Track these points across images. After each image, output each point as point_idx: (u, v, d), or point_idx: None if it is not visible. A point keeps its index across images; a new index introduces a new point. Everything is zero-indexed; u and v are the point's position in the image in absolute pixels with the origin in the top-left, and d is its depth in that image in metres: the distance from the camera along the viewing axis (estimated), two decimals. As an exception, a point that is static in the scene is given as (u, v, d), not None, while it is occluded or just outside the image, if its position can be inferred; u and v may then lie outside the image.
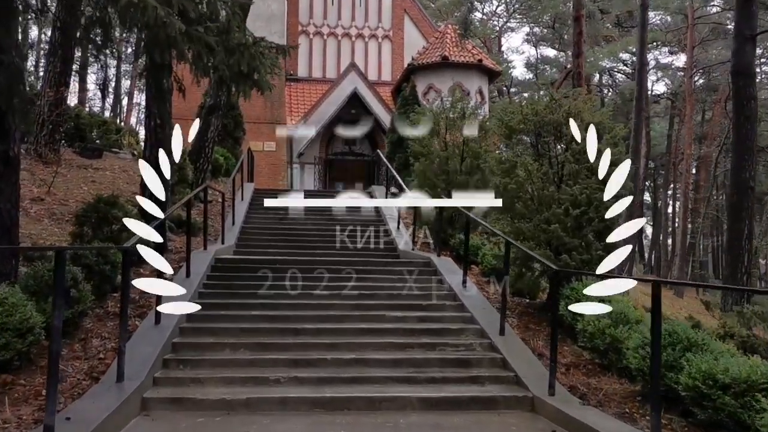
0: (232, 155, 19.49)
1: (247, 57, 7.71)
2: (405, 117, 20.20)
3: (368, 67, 31.95)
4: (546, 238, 8.47)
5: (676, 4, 39.29)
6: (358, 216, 15.75)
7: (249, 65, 7.78)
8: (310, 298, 8.47)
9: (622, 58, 50.20)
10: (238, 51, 7.76)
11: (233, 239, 12.66)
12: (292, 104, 30.27)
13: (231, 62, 7.70)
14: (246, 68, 7.79)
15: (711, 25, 38.84)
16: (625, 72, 52.07)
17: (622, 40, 45.59)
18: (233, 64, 7.72)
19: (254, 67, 7.91)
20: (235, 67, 7.75)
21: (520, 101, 40.16)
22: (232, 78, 8.05)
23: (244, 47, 7.81)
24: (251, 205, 15.99)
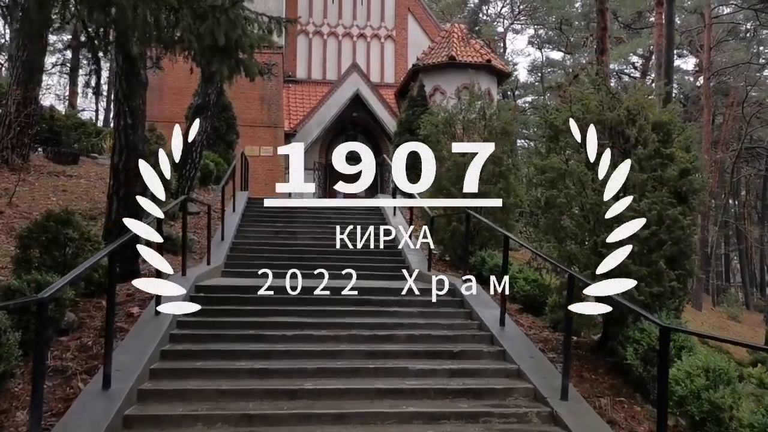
0: (224, 161, 17.80)
1: (224, 24, 5.94)
2: (413, 118, 18.57)
3: (370, 69, 30.31)
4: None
5: (689, 4, 37.70)
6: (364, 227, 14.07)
7: (227, 36, 6.02)
8: (311, 341, 6.78)
9: (631, 61, 48.65)
10: (211, 15, 5.97)
11: (221, 258, 10.96)
12: (290, 107, 28.62)
13: (201, 31, 5.94)
14: (223, 40, 6.04)
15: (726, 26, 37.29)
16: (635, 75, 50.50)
17: (632, 42, 44.05)
18: (204, 34, 5.96)
19: (234, 39, 6.15)
20: (207, 38, 6.00)
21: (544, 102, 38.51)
22: (202, 53, 6.31)
23: (220, 10, 6.02)
24: (244, 216, 14.31)
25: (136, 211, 9.05)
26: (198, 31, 5.88)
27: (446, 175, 12.51)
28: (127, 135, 8.67)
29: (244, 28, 6.26)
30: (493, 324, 7.17)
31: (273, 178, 26.48)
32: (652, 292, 6.57)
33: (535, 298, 9.36)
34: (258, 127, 26.51)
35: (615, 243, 6.63)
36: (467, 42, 27.72)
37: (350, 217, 15.15)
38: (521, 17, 50.49)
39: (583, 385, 6.55)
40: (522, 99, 52.20)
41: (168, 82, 26.33)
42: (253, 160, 25.04)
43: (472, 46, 27.54)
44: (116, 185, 8.74)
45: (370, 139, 28.62)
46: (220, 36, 5.89)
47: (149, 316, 6.83)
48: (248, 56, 6.69)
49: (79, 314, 7.11)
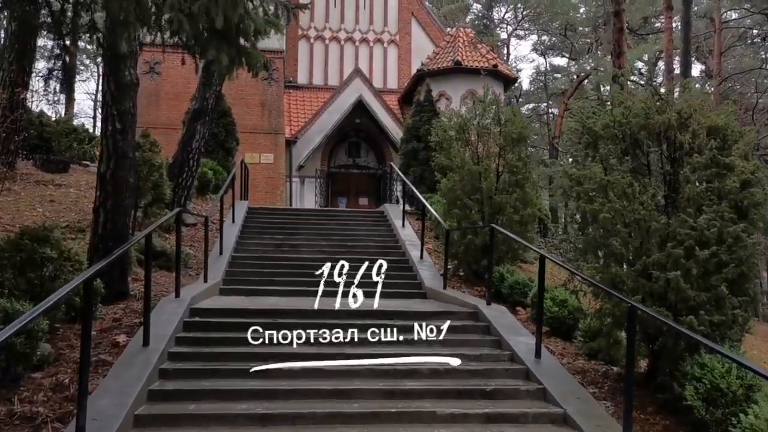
0: (224, 168, 16.99)
1: (222, 3, 5.07)
2: (420, 124, 17.77)
3: (373, 74, 29.52)
4: (657, 290, 5.94)
5: (697, 9, 36.97)
6: (371, 241, 13.27)
7: (226, 17, 5.14)
8: (320, 377, 5.92)
9: (636, 67, 47.86)
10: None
11: (219, 275, 10.13)
12: (291, 113, 27.82)
13: (195, 10, 5.04)
14: (221, 22, 5.16)
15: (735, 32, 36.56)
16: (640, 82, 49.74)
17: (637, 47, 43.28)
18: (198, 14, 5.07)
19: (235, 21, 5.26)
20: (202, 19, 5.12)
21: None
22: (196, 38, 5.45)
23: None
24: (244, 227, 13.48)
25: (125, 225, 8.27)
26: (190, 10, 5.01)
27: (460, 185, 11.71)
28: (115, 141, 7.84)
29: (247, 9, 5.38)
30: (527, 355, 6.31)
31: (274, 186, 25.68)
32: (713, 321, 5.73)
33: (563, 320, 8.52)
34: (258, 134, 25.71)
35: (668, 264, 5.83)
36: (473, 46, 27.01)
37: (356, 228, 14.35)
38: (525, 23, 49.75)
39: (633, 427, 5.70)
40: (524, 106, 51.37)
41: (165, 87, 25.57)
42: (253, 168, 24.20)
43: (478, 50, 26.81)
44: (103, 196, 7.90)
45: (374, 146, 27.86)
46: (218, 17, 5.02)
47: (137, 347, 5.99)
48: (251, 44, 5.83)
49: (57, 344, 6.27)
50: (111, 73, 7.80)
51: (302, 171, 26.54)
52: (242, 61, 5.98)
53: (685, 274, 5.74)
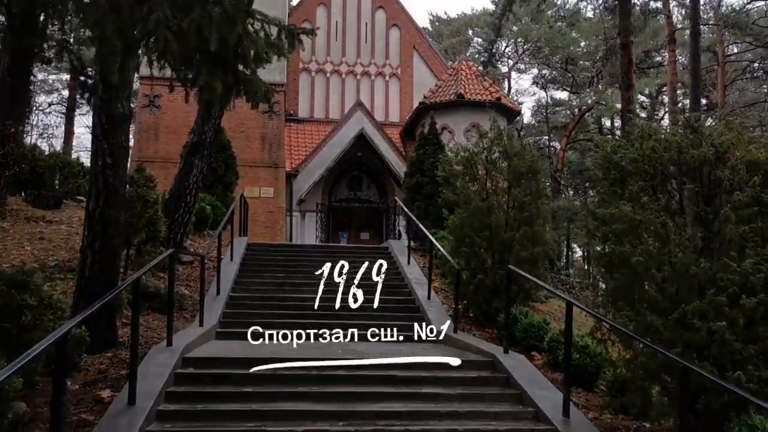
0: (222, 203, 16.49)
1: (217, 20, 4.53)
2: (425, 158, 17.33)
3: (375, 107, 29.24)
4: (698, 341, 5.37)
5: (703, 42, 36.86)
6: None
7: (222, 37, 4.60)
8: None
9: (639, 99, 47.74)
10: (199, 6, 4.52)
11: (216, 317, 9.55)
12: (291, 146, 27.46)
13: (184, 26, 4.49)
14: (215, 42, 4.62)
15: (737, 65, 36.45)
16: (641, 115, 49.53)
17: (639, 81, 43.19)
18: (188, 32, 4.51)
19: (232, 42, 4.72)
20: (192, 38, 4.56)
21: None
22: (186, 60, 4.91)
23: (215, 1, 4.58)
24: (243, 265, 12.92)
25: (114, 267, 7.72)
26: (179, 27, 4.46)
27: (468, 222, 11.20)
28: (105, 177, 7.33)
29: (246, 29, 4.84)
30: (554, 413, 5.70)
31: (274, 220, 25.19)
32: (762, 377, 5.16)
33: (585, 368, 7.94)
34: (258, 168, 25.32)
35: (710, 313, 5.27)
36: (476, 79, 26.81)
37: (360, 265, 13.78)
38: (525, 57, 49.78)
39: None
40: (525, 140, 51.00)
41: (165, 121, 25.24)
42: (252, 202, 23.71)
43: (481, 83, 26.61)
44: (91, 236, 7.37)
45: (376, 179, 27.45)
46: (212, 37, 4.47)
47: (122, 405, 5.39)
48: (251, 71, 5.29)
49: (35, 400, 5.67)
50: (102, 104, 7.34)
51: (303, 205, 26.07)
52: (240, 90, 5.43)
53: (730, 325, 5.18)
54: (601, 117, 46.91)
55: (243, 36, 4.75)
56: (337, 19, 30.23)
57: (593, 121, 48.58)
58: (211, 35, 4.43)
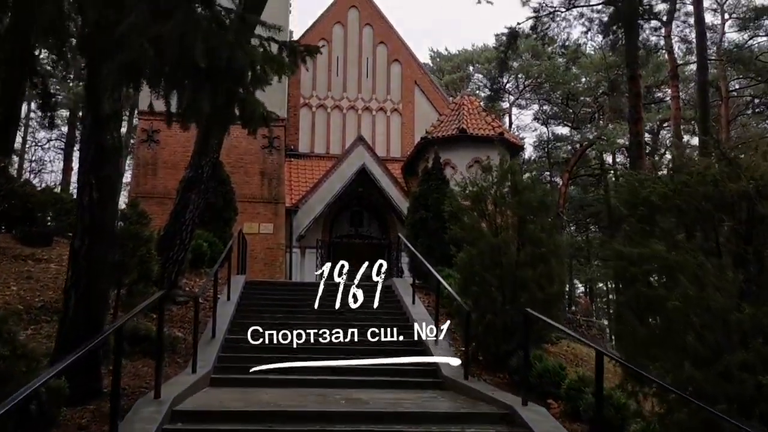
0: (220, 240, 15.95)
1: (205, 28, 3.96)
2: (429, 193, 16.87)
3: (376, 142, 28.94)
4: (744, 396, 4.81)
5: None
6: (379, 320, 12.12)
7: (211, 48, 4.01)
8: None
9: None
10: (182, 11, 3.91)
11: (210, 362, 8.98)
12: (292, 182, 27.08)
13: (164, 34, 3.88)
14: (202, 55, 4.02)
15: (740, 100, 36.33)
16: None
17: (640, 117, 43.05)
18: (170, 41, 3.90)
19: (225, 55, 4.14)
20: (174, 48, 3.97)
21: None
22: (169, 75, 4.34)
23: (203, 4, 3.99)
24: (241, 305, 12.39)
25: (100, 309, 7.17)
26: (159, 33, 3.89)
27: (478, 259, 10.67)
28: (92, 213, 6.83)
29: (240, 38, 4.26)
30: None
31: (273, 257, 24.66)
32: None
33: (608, 420, 7.32)
34: (258, 203, 24.90)
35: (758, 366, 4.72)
36: (478, 114, 26.57)
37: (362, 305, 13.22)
38: (526, 93, 49.79)
39: None
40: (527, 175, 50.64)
41: (163, 156, 24.89)
42: (252, 238, 23.22)
43: (483, 118, 26.36)
44: (76, 276, 6.84)
45: (377, 215, 26.99)
46: (198, 46, 3.88)
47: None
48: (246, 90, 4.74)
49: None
50: (91, 136, 6.88)
51: (303, 241, 25.56)
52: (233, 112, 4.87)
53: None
54: (603, 152, 46.70)
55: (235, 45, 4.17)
56: (338, 54, 30.14)
57: (595, 157, 48.40)
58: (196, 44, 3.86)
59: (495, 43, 18.14)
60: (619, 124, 43.64)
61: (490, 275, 10.45)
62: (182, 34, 3.89)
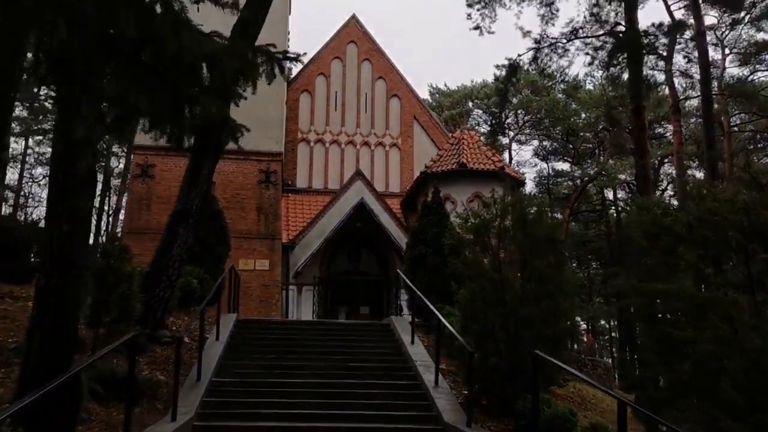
0: (212, 277, 15.31)
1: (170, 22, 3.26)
2: (428, 227, 16.31)
3: (374, 177, 28.48)
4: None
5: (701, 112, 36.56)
6: (377, 360, 11.49)
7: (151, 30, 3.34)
8: None
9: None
10: None
11: (194, 407, 8.32)
12: (289, 217, 26.53)
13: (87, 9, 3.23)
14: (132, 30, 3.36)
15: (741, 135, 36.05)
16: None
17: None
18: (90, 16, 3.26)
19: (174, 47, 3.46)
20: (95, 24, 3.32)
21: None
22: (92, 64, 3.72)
23: None
24: (230, 345, 11.75)
25: (67, 353, 6.55)
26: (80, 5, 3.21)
27: (480, 296, 10.06)
28: (62, 247, 6.27)
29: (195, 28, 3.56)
30: None
31: (269, 294, 23.98)
32: None
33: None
34: (254, 239, 24.33)
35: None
36: (478, 149, 26.22)
37: (359, 345, 12.60)
38: (526, 128, 49.62)
39: None
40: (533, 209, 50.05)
41: (158, 191, 24.38)
42: (247, 275, 22.62)
43: (483, 153, 25.99)
44: (41, 315, 6.25)
45: (375, 251, 26.38)
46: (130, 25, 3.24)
47: None
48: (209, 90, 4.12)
49: None
50: (62, 163, 6.35)
51: (300, 278, 24.89)
52: (186, 114, 4.26)
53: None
54: (604, 188, 46.32)
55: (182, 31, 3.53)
56: (336, 89, 29.92)
57: (596, 193, 47.99)
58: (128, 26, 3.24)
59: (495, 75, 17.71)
60: (620, 160, 43.36)
61: (493, 313, 9.85)
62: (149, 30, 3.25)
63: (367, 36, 30.88)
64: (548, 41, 15.82)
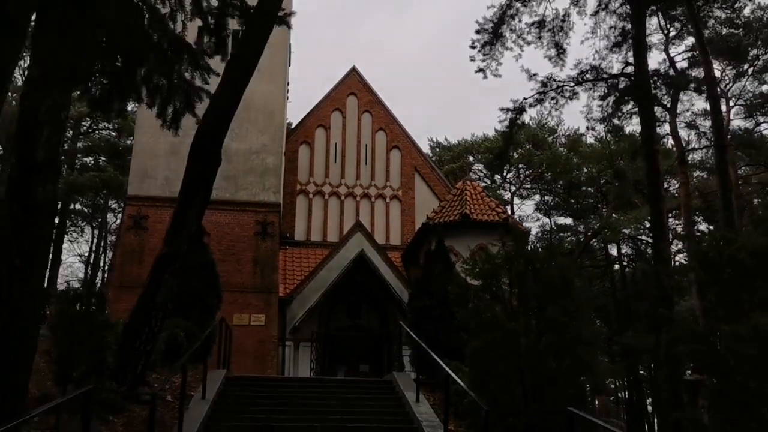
0: (202, 331, 14.28)
1: None
2: (432, 277, 15.40)
3: (375, 230, 27.77)
4: None
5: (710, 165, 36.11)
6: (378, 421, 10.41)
7: None
8: None
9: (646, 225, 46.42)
10: None
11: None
12: (286, 270, 25.62)
13: None
14: None
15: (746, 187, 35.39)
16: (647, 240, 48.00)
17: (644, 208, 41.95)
18: None
19: None
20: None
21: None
22: None
23: None
24: (217, 405, 10.70)
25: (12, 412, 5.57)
26: None
27: (494, 348, 9.09)
28: (11, 286, 5.38)
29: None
30: None
31: (265, 351, 22.83)
32: None
33: None
34: (249, 293, 23.36)
35: None
36: (481, 200, 25.53)
37: (358, 404, 11.53)
38: (527, 183, 49.13)
39: None
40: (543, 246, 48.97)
41: (151, 243, 23.49)
42: (242, 330, 21.52)
43: (486, 204, 25.28)
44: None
45: (376, 306, 25.31)
46: None
47: None
48: None
49: None
50: (17, 189, 5.53)
51: (297, 334, 23.76)
52: None
53: None
54: (608, 243, 45.49)
55: None
56: (336, 140, 29.51)
57: (600, 248, 47.11)
58: None
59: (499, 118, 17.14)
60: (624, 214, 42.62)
61: (507, 367, 8.88)
62: None
63: (368, 88, 30.66)
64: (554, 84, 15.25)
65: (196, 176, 10.58)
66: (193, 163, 10.62)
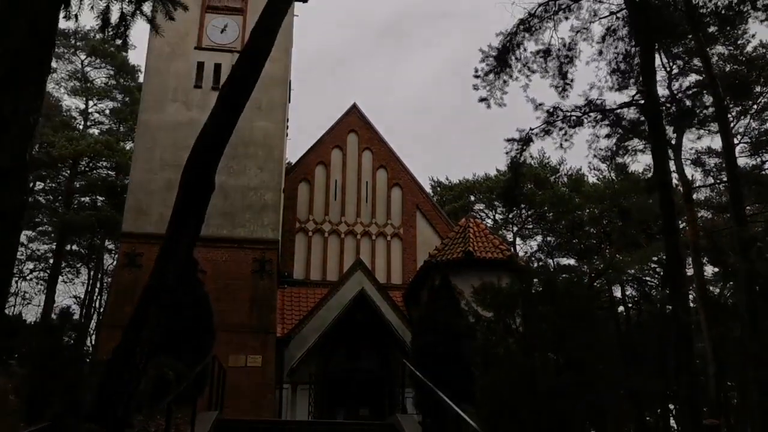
0: (193, 371, 13.50)
1: None
2: (437, 313, 14.66)
3: (376, 268, 27.10)
4: None
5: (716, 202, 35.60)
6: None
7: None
8: None
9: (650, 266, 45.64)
10: None
11: None
12: (284, 310, 24.82)
13: None
14: None
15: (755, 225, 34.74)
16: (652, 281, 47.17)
17: (650, 247, 41.27)
18: None
19: None
20: None
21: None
22: None
23: None
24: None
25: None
26: None
27: (507, 386, 8.34)
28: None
29: None
30: None
31: (261, 394, 21.83)
32: None
33: None
34: (245, 333, 22.47)
35: None
36: (485, 237, 24.86)
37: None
38: (529, 223, 48.56)
39: None
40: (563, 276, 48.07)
41: (144, 281, 22.48)
42: (237, 372, 20.62)
43: (490, 241, 24.60)
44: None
45: (376, 346, 24.38)
46: None
47: None
48: None
49: None
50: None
51: (295, 376, 22.83)
52: None
53: None
54: (612, 285, 44.70)
55: None
56: (336, 178, 29.08)
57: (604, 290, 46.30)
58: None
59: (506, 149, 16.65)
60: (628, 255, 41.88)
61: (522, 406, 8.11)
62: None
63: (368, 125, 30.37)
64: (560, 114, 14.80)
65: (188, 203, 9.97)
66: (184, 189, 10.03)
